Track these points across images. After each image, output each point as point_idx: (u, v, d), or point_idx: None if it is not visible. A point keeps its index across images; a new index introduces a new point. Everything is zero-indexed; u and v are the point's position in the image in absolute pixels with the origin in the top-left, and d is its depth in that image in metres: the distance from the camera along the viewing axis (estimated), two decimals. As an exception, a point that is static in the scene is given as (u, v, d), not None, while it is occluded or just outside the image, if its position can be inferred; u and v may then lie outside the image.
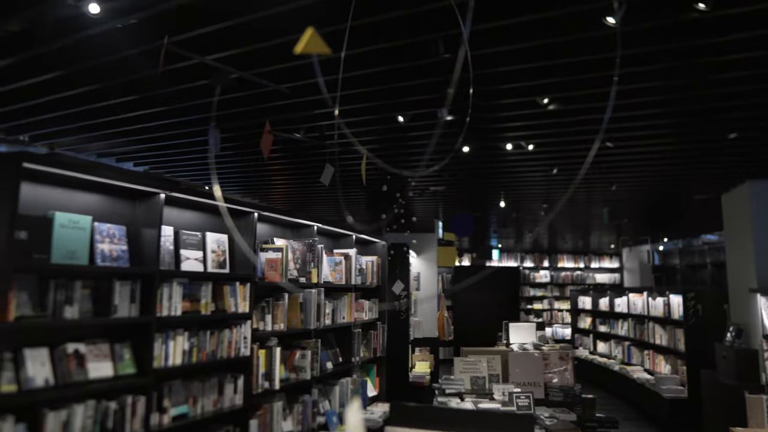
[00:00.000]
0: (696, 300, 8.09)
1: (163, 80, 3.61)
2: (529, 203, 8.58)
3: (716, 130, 4.60)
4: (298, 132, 4.53)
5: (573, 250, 17.30)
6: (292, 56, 3.28)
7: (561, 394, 4.67)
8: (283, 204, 9.18)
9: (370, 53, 3.30)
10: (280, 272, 4.61)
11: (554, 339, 15.99)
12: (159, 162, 6.22)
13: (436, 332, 10.83)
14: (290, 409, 4.63)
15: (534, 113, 4.26)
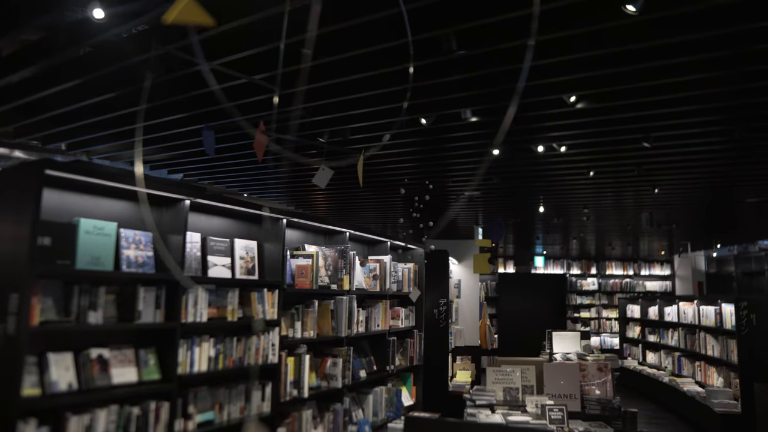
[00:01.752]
0: (749, 309, 7.69)
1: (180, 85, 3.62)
2: (569, 208, 8.36)
3: (764, 127, 4.34)
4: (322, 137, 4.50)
5: (622, 257, 16.79)
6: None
7: (598, 407, 4.47)
8: (325, 212, 9.21)
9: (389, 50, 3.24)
10: (311, 279, 4.58)
11: (601, 348, 15.55)
12: (194, 170, 6.32)
13: (478, 341, 10.64)
14: (321, 418, 4.58)
15: (565, 112, 4.10)
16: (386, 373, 5.58)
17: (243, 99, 4.03)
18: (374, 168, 6.04)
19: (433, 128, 4.42)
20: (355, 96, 3.87)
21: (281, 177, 6.62)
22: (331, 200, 8.39)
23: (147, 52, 3.15)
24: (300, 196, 8.18)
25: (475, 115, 4.03)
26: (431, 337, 7.37)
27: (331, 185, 7.16)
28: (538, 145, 4.76)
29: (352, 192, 7.50)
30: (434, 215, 8.36)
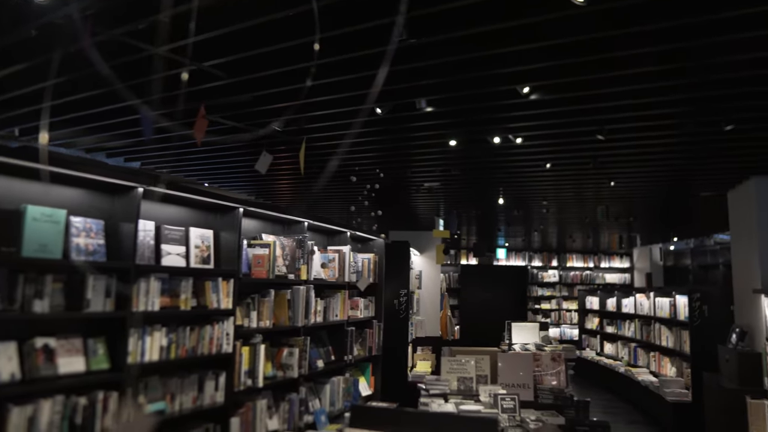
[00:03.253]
0: (702, 301, 7.92)
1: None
2: (529, 200, 8.46)
3: (716, 121, 4.45)
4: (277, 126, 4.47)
5: (582, 250, 17.09)
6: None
7: (551, 396, 4.56)
8: (288, 203, 9.15)
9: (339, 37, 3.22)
10: (268, 268, 4.55)
11: (560, 339, 15.83)
12: (153, 159, 6.22)
13: (439, 331, 10.74)
14: (276, 408, 4.57)
15: (520, 103, 4.14)
16: (344, 363, 5.60)
17: (197, 85, 3.96)
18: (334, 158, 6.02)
19: (390, 118, 4.42)
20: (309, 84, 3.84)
21: (243, 167, 6.55)
22: (294, 191, 8.34)
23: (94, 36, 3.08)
24: (263, 187, 8.11)
25: (430, 105, 4.04)
26: (391, 328, 7.41)
27: (294, 176, 7.13)
28: (495, 137, 4.80)
29: (314, 183, 7.46)
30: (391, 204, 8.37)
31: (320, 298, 5.31)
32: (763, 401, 5.01)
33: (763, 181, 6.29)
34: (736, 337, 6.20)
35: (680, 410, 7.68)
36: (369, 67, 3.59)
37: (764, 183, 6.28)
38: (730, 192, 7.12)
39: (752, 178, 6.36)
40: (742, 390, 5.44)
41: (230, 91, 4.08)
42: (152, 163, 6.48)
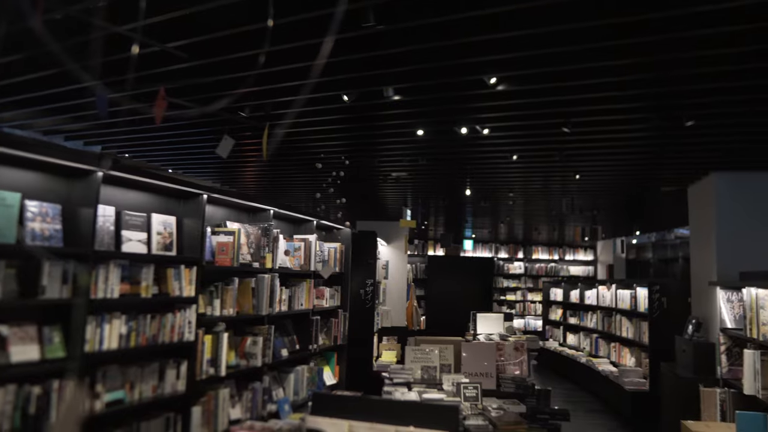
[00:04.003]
0: (661, 293, 8.11)
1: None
2: (495, 191, 8.53)
3: (678, 117, 4.53)
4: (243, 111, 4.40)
5: (548, 242, 17.34)
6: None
7: (513, 385, 4.62)
8: (255, 191, 9.06)
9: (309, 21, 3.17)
10: (232, 256, 4.50)
11: (525, 330, 16.06)
12: (115, 143, 6.08)
13: (405, 321, 10.79)
14: (239, 396, 4.53)
15: (487, 94, 4.15)
16: (309, 353, 5.58)
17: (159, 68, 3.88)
18: (301, 146, 5.97)
19: (357, 106, 4.39)
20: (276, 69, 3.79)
21: (208, 153, 6.45)
22: (260, 179, 8.26)
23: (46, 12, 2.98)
24: (228, 174, 8.01)
25: (397, 93, 4.03)
26: (357, 317, 7.40)
27: (261, 163, 7.05)
28: (462, 127, 4.82)
29: (281, 170, 7.40)
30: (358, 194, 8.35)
31: (285, 286, 5.27)
32: (715, 389, 5.16)
33: (721, 176, 6.44)
34: (692, 328, 6.36)
35: (638, 398, 7.87)
36: (336, 53, 3.56)
37: (723, 179, 6.44)
38: (691, 187, 7.28)
39: (712, 173, 6.51)
40: (697, 379, 5.58)
41: (194, 74, 4.00)
42: (114, 147, 6.34)
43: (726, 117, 4.69)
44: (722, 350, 5.30)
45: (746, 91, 4.06)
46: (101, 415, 3.32)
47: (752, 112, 4.52)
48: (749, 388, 4.52)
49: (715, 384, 5.32)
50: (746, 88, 4.01)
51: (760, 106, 4.36)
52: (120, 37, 3.39)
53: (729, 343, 5.28)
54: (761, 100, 4.25)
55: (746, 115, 4.61)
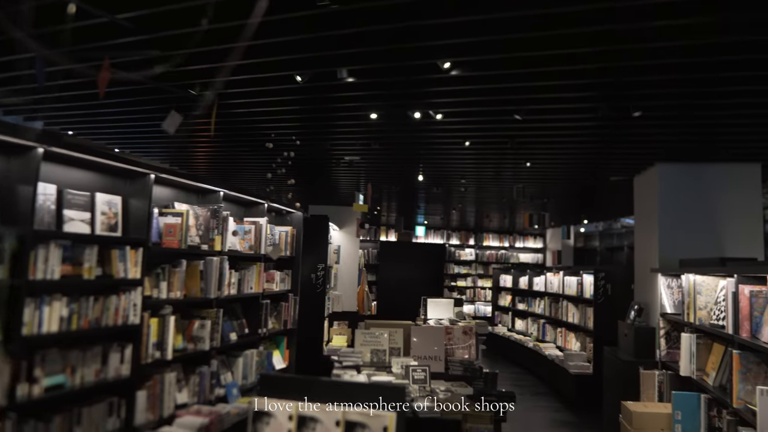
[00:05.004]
0: (606, 280, 8.35)
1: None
2: (448, 178, 8.59)
3: (626, 107, 4.63)
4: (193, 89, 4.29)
5: (499, 230, 17.60)
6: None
7: (461, 368, 4.69)
8: (206, 173, 8.88)
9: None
10: (180, 238, 4.40)
11: (474, 316, 16.31)
12: (57, 119, 5.85)
13: (356, 306, 10.81)
14: (186, 381, 4.46)
15: (440, 79, 4.15)
16: (258, 337, 5.53)
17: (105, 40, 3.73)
18: (252, 126, 5.87)
19: (310, 86, 4.33)
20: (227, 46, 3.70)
21: (156, 132, 6.27)
22: (211, 160, 8.09)
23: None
24: (178, 155, 7.82)
25: (351, 75, 3.99)
26: (308, 302, 7.39)
27: (211, 144, 6.91)
28: (415, 111, 4.82)
29: (233, 151, 7.27)
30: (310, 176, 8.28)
31: (235, 269, 5.19)
32: (654, 371, 5.36)
33: (665, 167, 6.64)
34: (634, 314, 6.57)
35: (582, 381, 8.12)
36: (290, 32, 3.49)
37: (666, 170, 6.64)
38: (636, 177, 7.49)
39: (656, 164, 6.71)
40: (637, 362, 5.79)
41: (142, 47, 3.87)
42: (56, 124, 6.10)
43: (671, 109, 4.82)
44: (661, 334, 5.49)
45: (691, 84, 4.18)
46: (40, 400, 3.21)
47: (695, 105, 4.67)
48: (685, 370, 4.71)
49: (654, 366, 5.52)
50: (691, 81, 4.12)
51: (703, 99, 4.50)
52: (64, 4, 3.24)
53: (668, 328, 5.48)
54: (705, 94, 4.39)
55: (689, 108, 4.75)
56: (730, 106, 4.65)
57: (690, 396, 4.49)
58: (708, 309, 4.57)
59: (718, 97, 4.43)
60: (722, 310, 4.19)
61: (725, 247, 6.42)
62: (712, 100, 4.52)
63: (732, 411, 3.73)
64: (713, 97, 4.44)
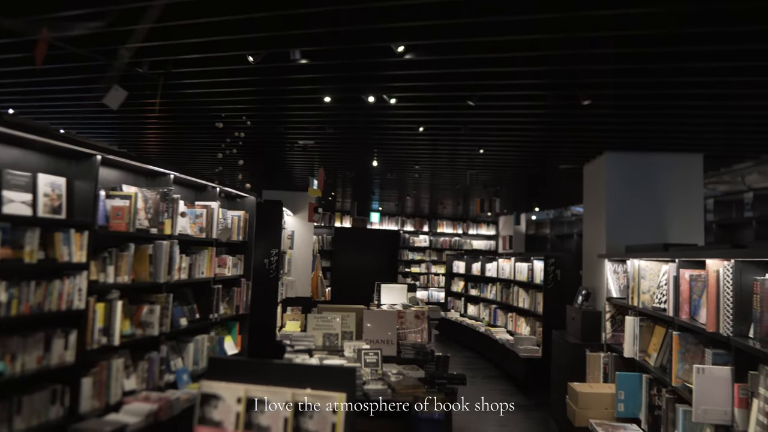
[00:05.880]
0: (555, 266, 8.54)
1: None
2: (402, 164, 8.61)
3: (576, 96, 4.72)
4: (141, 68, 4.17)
5: (453, 217, 17.78)
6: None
7: (413, 351, 4.73)
8: (158, 156, 8.66)
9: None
10: (128, 221, 4.29)
11: (428, 302, 16.48)
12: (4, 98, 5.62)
13: (310, 292, 10.78)
14: (134, 367, 4.37)
15: (394, 62, 4.14)
16: (210, 322, 5.46)
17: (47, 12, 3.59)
18: (204, 107, 5.75)
19: (263, 68, 4.26)
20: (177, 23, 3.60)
21: (104, 113, 6.07)
22: (162, 143, 7.90)
23: None
24: (128, 137, 7.61)
25: (304, 57, 3.94)
26: (261, 287, 7.32)
27: (162, 126, 6.74)
28: (369, 95, 4.80)
29: (184, 134, 7.11)
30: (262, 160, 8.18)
31: (185, 254, 5.11)
32: (600, 353, 5.53)
33: (613, 156, 6.81)
34: (581, 298, 6.74)
35: (531, 364, 8.31)
36: (242, 10, 3.43)
37: (614, 158, 6.81)
38: (586, 166, 7.66)
39: (605, 153, 6.87)
40: (584, 344, 5.95)
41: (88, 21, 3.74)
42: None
43: (619, 99, 4.94)
44: (607, 318, 5.66)
45: (639, 74, 4.28)
46: (-22, 388, 3.11)
47: (642, 95, 4.79)
48: (629, 352, 4.86)
49: (600, 349, 5.69)
50: (638, 71, 4.23)
51: (650, 89, 4.62)
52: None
53: (613, 311, 5.64)
54: (651, 84, 4.50)
55: (637, 98, 4.88)
56: (675, 96, 4.79)
57: (633, 376, 4.65)
58: (651, 293, 4.72)
59: (663, 87, 4.56)
60: (664, 293, 4.34)
61: (669, 234, 6.64)
62: (657, 90, 4.64)
63: (671, 389, 3.87)
64: (659, 87, 4.56)
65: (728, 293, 3.03)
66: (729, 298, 3.02)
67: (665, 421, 3.96)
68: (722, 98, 4.77)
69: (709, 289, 3.30)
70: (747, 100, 4.78)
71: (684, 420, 3.55)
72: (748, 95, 4.66)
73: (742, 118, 5.31)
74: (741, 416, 2.84)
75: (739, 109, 5.04)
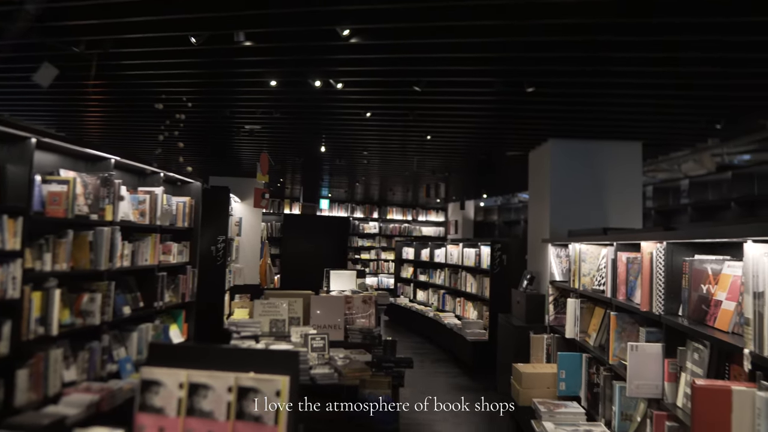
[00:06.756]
0: (502, 251, 8.70)
1: None
2: (350, 149, 8.60)
3: (520, 82, 4.79)
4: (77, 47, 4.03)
5: (402, 203, 17.88)
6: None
7: (360, 335, 4.77)
8: (100, 141, 8.38)
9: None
10: (66, 207, 4.15)
11: (378, 288, 16.57)
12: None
13: (259, 279, 10.69)
14: (74, 357, 4.25)
15: (340, 46, 4.12)
16: (154, 310, 5.36)
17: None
18: (146, 90, 5.60)
19: (206, 49, 4.17)
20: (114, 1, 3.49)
21: (41, 95, 5.84)
22: (104, 126, 7.66)
23: None
24: (67, 120, 7.34)
25: (249, 39, 3.88)
26: (207, 275, 7.22)
27: (103, 109, 6.54)
28: (316, 80, 4.76)
29: (125, 117, 6.91)
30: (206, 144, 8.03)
31: (128, 241, 4.98)
32: (543, 335, 5.69)
33: (557, 143, 6.98)
34: (526, 282, 6.91)
35: (478, 347, 8.48)
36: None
37: (558, 145, 6.98)
38: (531, 152, 7.81)
39: (549, 140, 7.03)
40: (528, 326, 6.11)
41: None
42: None
43: (562, 86, 5.05)
44: (550, 300, 5.81)
45: (580, 62, 4.39)
46: None
47: (584, 83, 4.91)
48: (570, 332, 5.02)
49: (543, 330, 5.85)
50: (580, 59, 4.33)
51: (591, 77, 4.74)
52: None
53: (556, 294, 5.80)
54: (592, 72, 4.62)
55: (579, 85, 5.00)
56: (615, 85, 4.93)
57: (573, 356, 4.80)
58: (591, 276, 4.87)
59: (604, 75, 4.68)
60: (603, 276, 4.49)
61: (610, 220, 6.86)
62: (598, 78, 4.77)
63: (608, 367, 4.02)
64: (600, 75, 4.68)
65: (660, 274, 3.16)
66: (661, 279, 3.15)
67: (603, 398, 4.11)
68: (659, 87, 4.94)
69: (644, 271, 3.43)
70: (681, 89, 4.96)
71: (620, 395, 3.70)
72: (682, 85, 4.84)
73: (677, 107, 5.51)
74: (670, 389, 2.99)
75: (674, 98, 5.23)
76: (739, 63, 4.23)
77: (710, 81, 4.70)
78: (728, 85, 4.81)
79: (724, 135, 6.74)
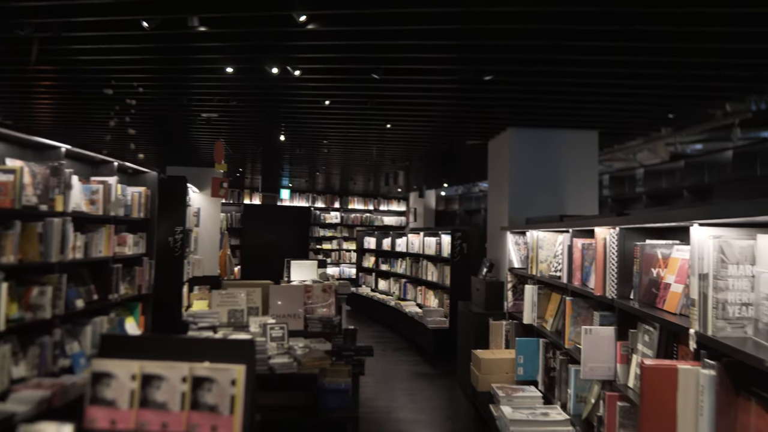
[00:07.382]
0: (462, 239, 8.77)
1: None
2: (310, 138, 8.54)
3: (478, 71, 4.82)
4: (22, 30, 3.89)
5: (364, 193, 17.87)
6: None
7: (320, 324, 4.76)
8: (50, 129, 8.12)
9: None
10: (13, 197, 4.01)
11: (339, 278, 16.55)
12: None
13: (218, 270, 10.56)
14: (24, 353, 4.13)
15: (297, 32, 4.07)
16: (109, 303, 5.24)
17: None
18: (96, 77, 5.45)
19: (159, 34, 4.07)
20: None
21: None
22: (55, 115, 7.42)
23: None
24: (14, 108, 7.09)
25: (203, 24, 3.80)
26: (165, 266, 7.08)
27: (53, 97, 6.34)
28: (273, 67, 4.70)
29: (75, 104, 6.71)
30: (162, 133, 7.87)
31: (81, 232, 4.85)
32: (502, 322, 5.78)
33: (516, 132, 7.06)
34: (486, 270, 6.99)
35: (439, 335, 8.56)
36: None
37: (517, 134, 7.06)
38: (491, 141, 7.88)
39: (508, 129, 7.10)
40: (487, 313, 6.19)
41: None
42: None
43: (520, 75, 5.09)
44: (509, 287, 5.90)
45: (537, 50, 4.43)
46: None
47: (541, 72, 4.97)
48: (528, 318, 5.10)
49: (502, 317, 5.94)
50: (537, 48, 4.37)
51: (548, 66, 4.80)
52: None
53: (515, 281, 5.89)
54: (549, 61, 4.68)
55: (536, 74, 5.05)
56: (572, 74, 5.00)
57: (531, 341, 4.89)
58: (548, 262, 4.96)
59: (560, 64, 4.75)
60: (560, 262, 4.57)
61: (567, 208, 6.98)
62: (555, 67, 4.83)
63: (564, 351, 4.11)
64: (556, 64, 4.74)
65: (613, 259, 3.23)
66: (614, 264, 3.22)
67: (559, 381, 4.20)
68: (613, 77, 5.03)
69: (597, 256, 3.50)
70: (635, 79, 5.07)
71: (575, 378, 3.78)
72: (635, 74, 4.94)
73: (631, 96, 5.62)
74: (622, 371, 3.06)
75: (629, 87, 5.34)
76: (691, 53, 4.34)
77: (663, 71, 4.81)
78: (680, 75, 4.93)
79: (676, 124, 6.92)
